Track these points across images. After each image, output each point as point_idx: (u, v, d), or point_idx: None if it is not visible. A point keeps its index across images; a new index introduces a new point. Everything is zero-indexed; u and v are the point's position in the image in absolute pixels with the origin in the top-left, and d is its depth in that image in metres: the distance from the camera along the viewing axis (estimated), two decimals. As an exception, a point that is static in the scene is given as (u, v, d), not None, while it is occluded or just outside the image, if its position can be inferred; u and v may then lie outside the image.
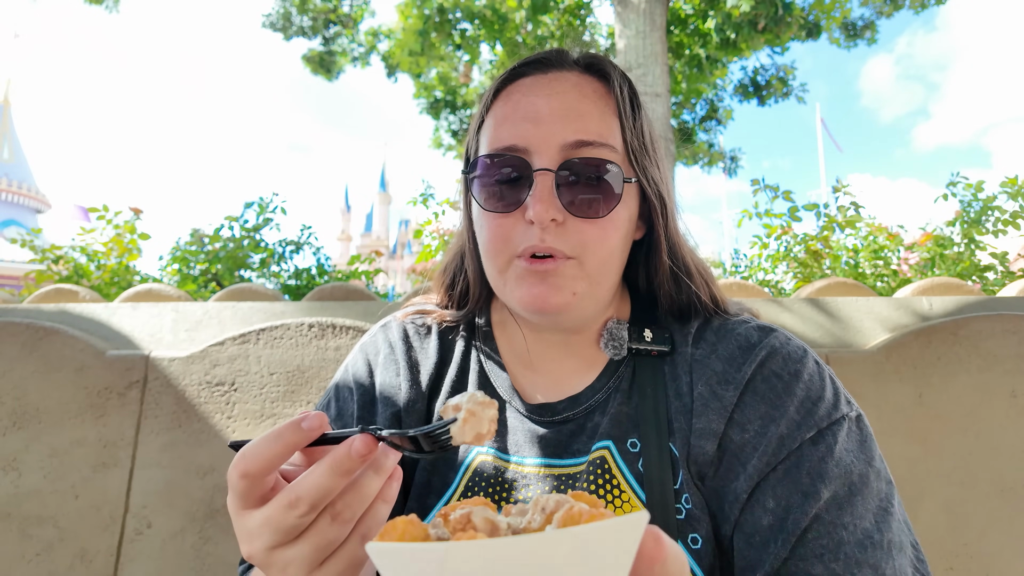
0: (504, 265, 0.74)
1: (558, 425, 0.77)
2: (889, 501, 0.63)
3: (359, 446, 0.46)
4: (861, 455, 0.65)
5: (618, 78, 0.77)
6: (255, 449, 0.46)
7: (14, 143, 31.92)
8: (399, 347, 0.85)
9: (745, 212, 3.31)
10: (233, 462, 0.47)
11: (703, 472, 0.69)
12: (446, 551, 0.31)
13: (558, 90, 0.74)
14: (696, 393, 0.72)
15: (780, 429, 0.66)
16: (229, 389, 1.59)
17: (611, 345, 0.79)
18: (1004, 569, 1.36)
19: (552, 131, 0.71)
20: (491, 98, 0.78)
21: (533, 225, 0.70)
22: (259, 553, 0.47)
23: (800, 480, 0.64)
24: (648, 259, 0.82)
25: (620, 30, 6.25)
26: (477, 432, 0.50)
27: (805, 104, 10.01)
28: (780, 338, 0.74)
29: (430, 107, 10.82)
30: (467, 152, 0.83)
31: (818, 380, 0.70)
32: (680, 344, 0.78)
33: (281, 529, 0.46)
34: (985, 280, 2.86)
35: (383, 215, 66.19)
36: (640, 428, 0.72)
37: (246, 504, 0.47)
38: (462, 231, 0.87)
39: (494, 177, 0.73)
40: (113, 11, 8.38)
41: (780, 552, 0.62)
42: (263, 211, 3.37)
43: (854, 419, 0.68)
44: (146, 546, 1.49)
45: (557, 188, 0.70)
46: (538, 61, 0.78)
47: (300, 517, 0.46)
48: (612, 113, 0.75)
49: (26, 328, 1.64)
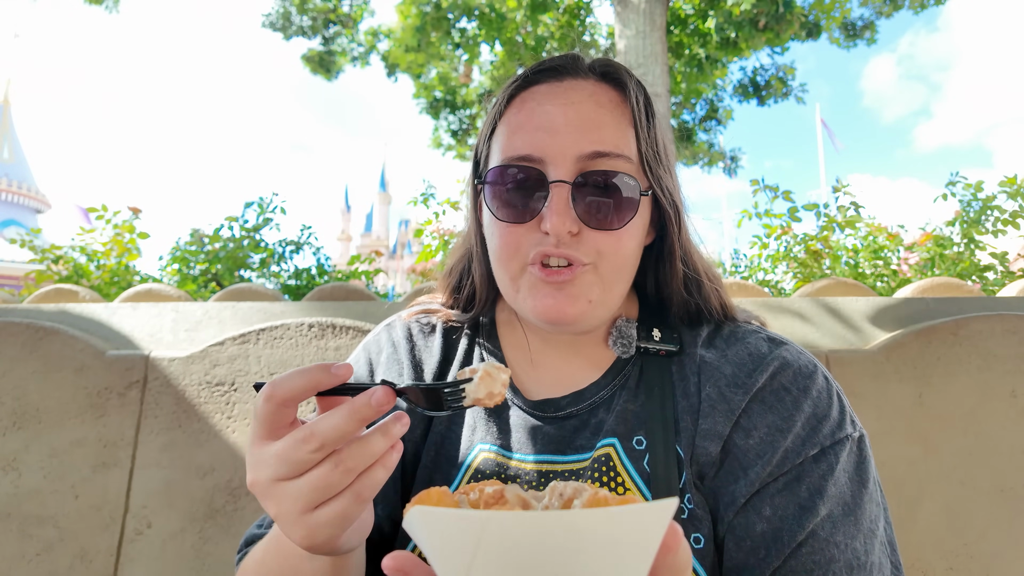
0: (517, 272, 0.74)
1: (561, 421, 0.77)
2: (876, 523, 0.66)
3: (380, 396, 0.49)
4: (857, 477, 0.67)
5: (634, 87, 0.77)
6: (283, 378, 0.50)
7: (14, 143, 31.92)
8: (403, 346, 0.86)
9: (745, 212, 3.32)
10: (261, 391, 0.50)
11: (703, 472, 0.70)
12: (487, 519, 0.32)
13: (574, 100, 0.74)
14: (704, 394, 0.72)
15: (786, 442, 0.67)
16: (229, 389, 1.59)
17: (620, 343, 0.79)
18: (1004, 569, 1.36)
19: (568, 142, 0.71)
20: (504, 104, 0.78)
21: (547, 235, 0.70)
22: (262, 482, 0.50)
23: (799, 494, 0.65)
24: (659, 264, 0.82)
25: (620, 30, 6.25)
26: (490, 391, 0.53)
27: (805, 104, 10.02)
28: (792, 351, 0.74)
29: (430, 107, 10.82)
30: (477, 157, 0.83)
31: (826, 398, 0.70)
32: (689, 345, 0.78)
33: (289, 461, 0.48)
34: (985, 280, 2.86)
35: (383, 215, 66.19)
36: (647, 426, 0.72)
37: (264, 433, 0.50)
38: (469, 234, 0.87)
39: (508, 186, 0.73)
40: (113, 11, 8.38)
41: (772, 561, 0.63)
42: (263, 211, 3.37)
43: (856, 440, 0.69)
44: (146, 546, 1.49)
45: (573, 200, 0.70)
46: (552, 68, 0.77)
47: (310, 453, 0.48)
48: (628, 123, 0.75)
49: (26, 328, 1.64)
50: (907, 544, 1.39)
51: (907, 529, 1.39)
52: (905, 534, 1.39)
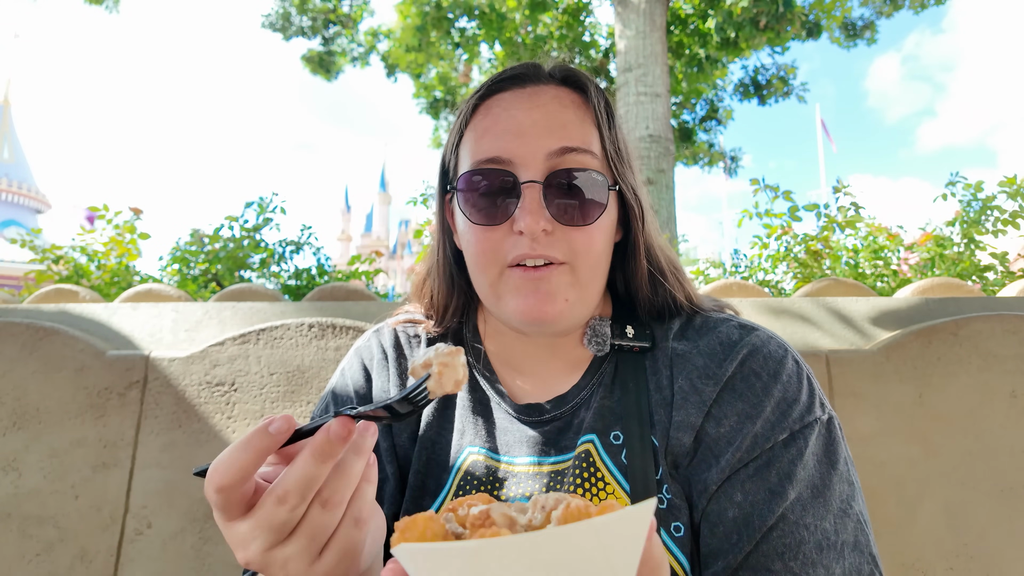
0: (496, 277, 0.75)
1: (546, 424, 0.79)
2: (848, 503, 0.66)
3: (337, 428, 0.46)
4: (826, 459, 0.68)
5: (594, 90, 0.79)
6: (225, 461, 0.46)
7: (14, 143, 31.92)
8: (391, 354, 0.87)
9: (745, 212, 3.32)
10: (207, 479, 0.46)
11: (678, 462, 0.71)
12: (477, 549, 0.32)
13: (538, 103, 0.76)
14: (677, 387, 0.74)
15: (756, 427, 0.69)
16: (229, 389, 1.59)
17: (594, 342, 0.81)
18: (1004, 569, 1.36)
19: (536, 143, 0.73)
20: (469, 113, 0.79)
21: (522, 235, 0.72)
22: (256, 556, 0.47)
23: (769, 479, 0.66)
24: (625, 262, 0.84)
25: (620, 30, 6.25)
26: (455, 379, 0.51)
27: (806, 103, 10.03)
28: (762, 336, 0.75)
29: (430, 107, 10.82)
30: (444, 167, 0.84)
31: (795, 382, 0.72)
32: (661, 340, 0.80)
33: (274, 527, 0.46)
34: (985, 280, 2.86)
35: (383, 215, 66.20)
36: (623, 421, 0.74)
37: (231, 515, 0.47)
38: (434, 248, 0.88)
39: (480, 190, 0.74)
40: (113, 11, 8.38)
41: (744, 546, 0.64)
42: (263, 211, 3.37)
43: (825, 423, 0.70)
44: (146, 546, 1.49)
45: (545, 199, 0.72)
46: (515, 76, 0.79)
47: (291, 511, 0.46)
48: (591, 122, 0.77)
49: (26, 328, 1.64)
50: (907, 544, 1.39)
51: (907, 529, 1.39)
52: (905, 534, 1.39)
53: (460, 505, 0.44)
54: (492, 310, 0.80)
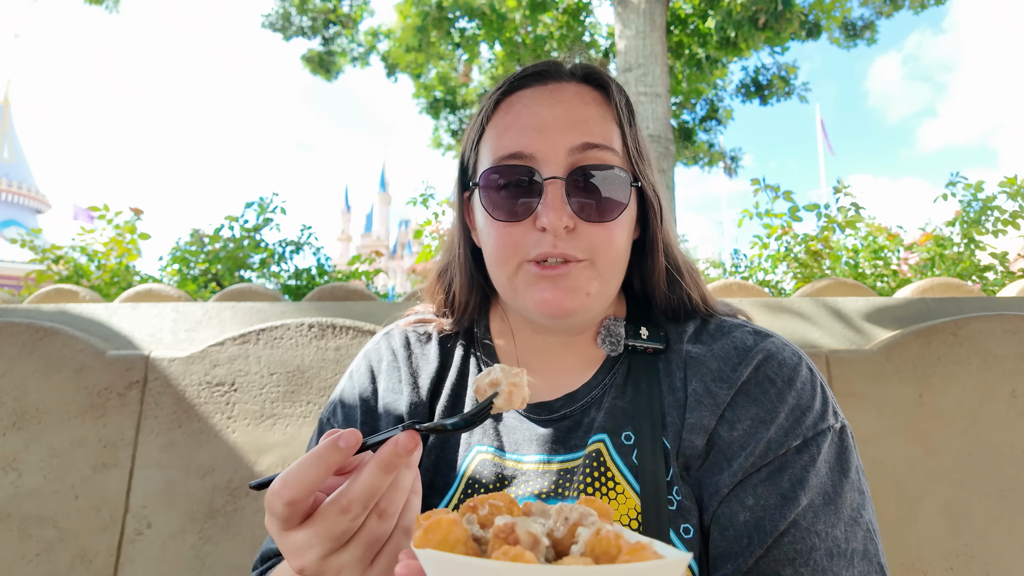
0: (513, 271, 0.75)
1: (556, 422, 0.78)
2: (859, 511, 0.66)
3: (406, 441, 0.48)
4: (838, 466, 0.68)
5: (615, 88, 0.79)
6: (297, 475, 0.47)
7: (14, 143, 31.93)
8: (401, 354, 0.87)
9: (746, 212, 3.32)
10: (274, 490, 0.48)
11: (689, 464, 0.71)
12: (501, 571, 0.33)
13: (560, 99, 0.76)
14: (690, 389, 0.74)
15: (769, 433, 0.69)
16: (229, 389, 1.59)
17: (608, 341, 0.80)
18: (1004, 569, 1.36)
19: (558, 139, 0.72)
20: (491, 110, 0.79)
21: (544, 232, 0.71)
22: (312, 563, 0.49)
23: (782, 485, 0.66)
24: (643, 260, 0.84)
25: (620, 30, 6.25)
26: (522, 397, 0.54)
27: (808, 103, 10.02)
28: (777, 343, 0.75)
29: (430, 107, 10.82)
30: (464, 163, 0.84)
31: (809, 389, 0.72)
32: (675, 342, 0.80)
33: (333, 536, 0.48)
34: (985, 280, 2.86)
35: (383, 215, 66.19)
36: (635, 422, 0.74)
37: (290, 526, 0.49)
38: (452, 243, 0.89)
39: (501, 186, 0.74)
40: (113, 11, 8.38)
41: (755, 550, 0.64)
42: (263, 211, 3.37)
43: (838, 431, 0.70)
44: (146, 546, 1.49)
45: (567, 195, 0.72)
46: (536, 73, 0.79)
47: (352, 520, 0.48)
48: (612, 120, 0.77)
49: (26, 328, 1.64)
50: (907, 544, 1.39)
51: (907, 529, 1.39)
52: (905, 534, 1.39)
53: (481, 504, 0.44)
54: (511, 304, 0.80)
